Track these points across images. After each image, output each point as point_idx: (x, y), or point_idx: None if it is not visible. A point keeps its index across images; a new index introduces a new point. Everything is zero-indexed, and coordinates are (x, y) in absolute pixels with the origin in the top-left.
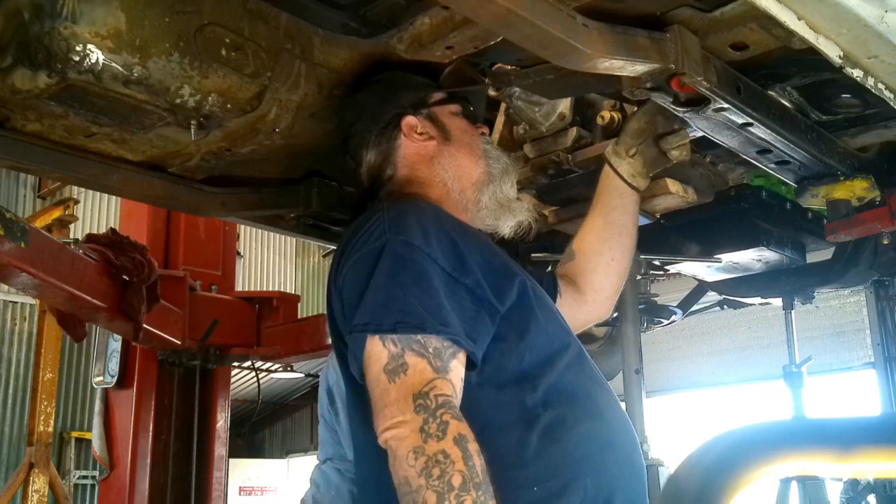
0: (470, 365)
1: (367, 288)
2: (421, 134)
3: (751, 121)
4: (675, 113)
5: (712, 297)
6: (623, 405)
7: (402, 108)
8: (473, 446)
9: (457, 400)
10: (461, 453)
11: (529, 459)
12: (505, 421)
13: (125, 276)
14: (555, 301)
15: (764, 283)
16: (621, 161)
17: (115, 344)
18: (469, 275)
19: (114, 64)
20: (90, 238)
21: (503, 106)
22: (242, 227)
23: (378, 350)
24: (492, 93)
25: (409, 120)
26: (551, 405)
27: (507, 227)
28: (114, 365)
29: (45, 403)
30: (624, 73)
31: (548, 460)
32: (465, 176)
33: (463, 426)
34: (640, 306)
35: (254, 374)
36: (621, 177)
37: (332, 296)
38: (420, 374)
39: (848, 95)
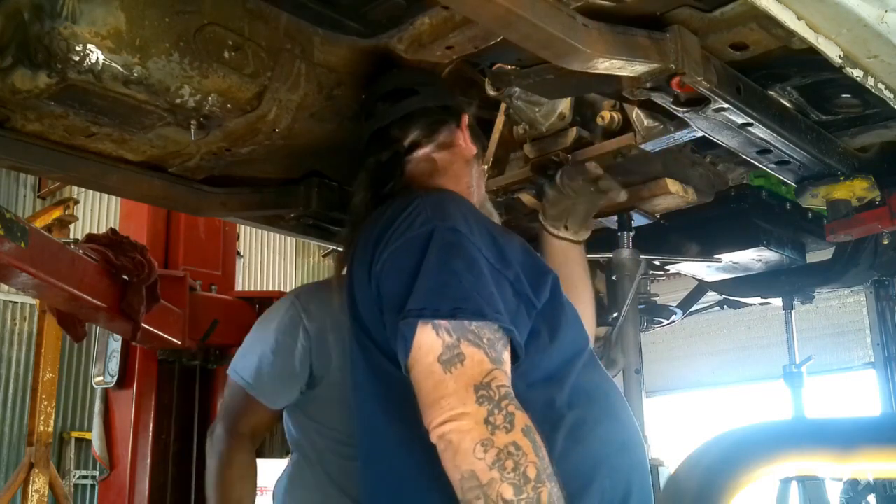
0: (512, 358)
1: (417, 273)
2: (470, 138)
3: (751, 121)
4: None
5: (712, 297)
6: None
7: (469, 105)
8: (539, 438)
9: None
10: (531, 444)
11: (554, 460)
12: (533, 420)
13: (125, 276)
14: None
15: (764, 283)
16: (560, 232)
17: (115, 344)
18: (510, 268)
19: (114, 64)
20: (90, 238)
21: (503, 106)
22: (242, 227)
23: (431, 340)
24: (492, 93)
25: (469, 119)
26: (574, 405)
27: None
28: (114, 365)
29: (45, 403)
30: (624, 73)
31: (570, 461)
32: (476, 195)
33: (527, 418)
34: (640, 306)
35: None
36: (568, 239)
37: (360, 284)
38: (479, 364)
39: (848, 95)
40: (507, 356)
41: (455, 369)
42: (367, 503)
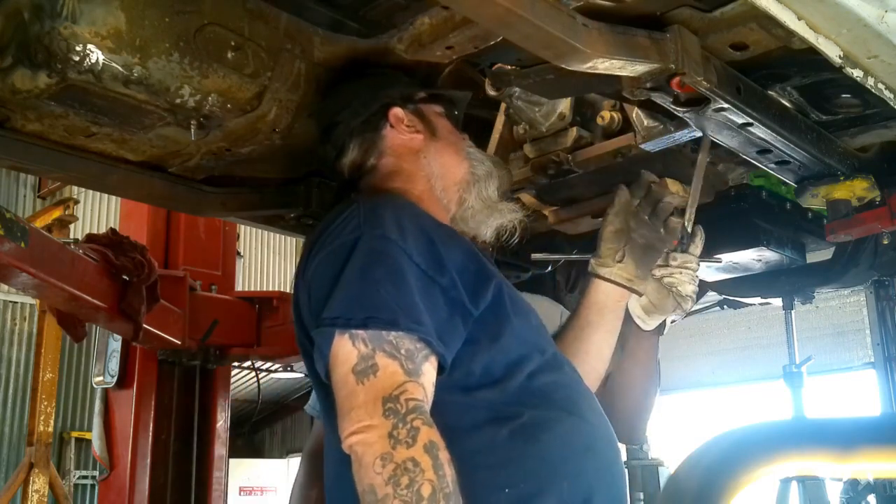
0: (438, 369)
1: (337, 282)
2: (408, 126)
3: (751, 121)
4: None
5: (712, 297)
6: None
7: (391, 99)
8: (444, 455)
9: (428, 405)
10: (431, 461)
11: (501, 460)
12: (475, 421)
13: (125, 276)
14: None
15: (764, 283)
16: (611, 269)
17: (115, 344)
18: (444, 274)
19: (114, 64)
20: (90, 238)
21: (503, 106)
22: (242, 227)
23: (347, 350)
24: (492, 93)
25: (397, 111)
26: (527, 406)
27: (489, 231)
28: (114, 365)
29: (45, 403)
30: (624, 73)
31: (521, 462)
32: (449, 174)
33: (434, 433)
34: None
35: (254, 374)
36: (619, 284)
37: (300, 289)
38: (391, 376)
39: (848, 95)
40: (427, 367)
41: (367, 380)
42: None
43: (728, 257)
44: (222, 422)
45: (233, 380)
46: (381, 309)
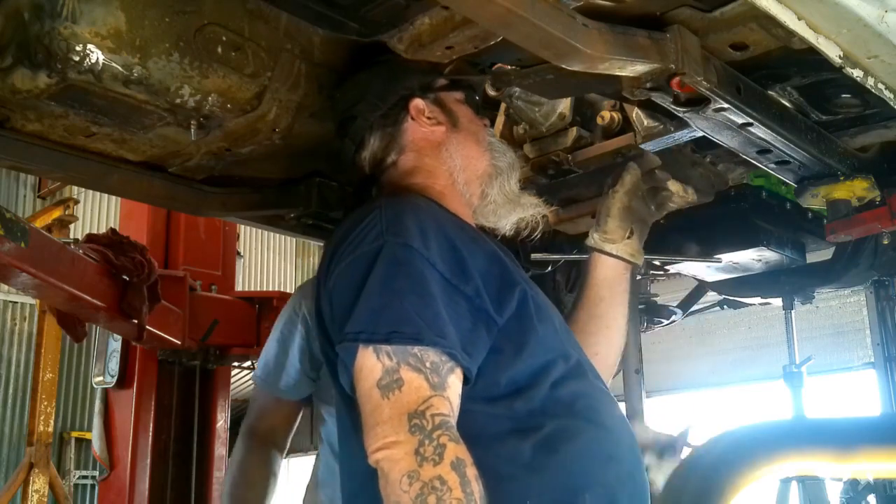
0: (463, 380)
1: (360, 294)
2: (429, 118)
3: (751, 121)
4: (652, 164)
5: (712, 297)
6: (623, 406)
7: (410, 89)
8: (472, 471)
9: (454, 419)
10: (459, 479)
11: (524, 471)
12: (498, 431)
13: (125, 276)
14: None
15: (764, 283)
16: (617, 245)
17: (115, 344)
18: (468, 282)
19: (114, 64)
20: (90, 238)
21: (503, 106)
22: (242, 227)
23: (371, 363)
24: (492, 93)
25: (418, 102)
26: (550, 416)
27: (509, 225)
28: (114, 365)
29: (45, 403)
30: (624, 73)
31: (544, 473)
32: (472, 167)
33: (461, 449)
34: (640, 306)
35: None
36: (623, 259)
37: (321, 299)
38: (416, 391)
39: (848, 95)
40: (452, 380)
41: (392, 395)
42: None
43: (728, 257)
44: (222, 422)
45: (233, 380)
46: (404, 322)
